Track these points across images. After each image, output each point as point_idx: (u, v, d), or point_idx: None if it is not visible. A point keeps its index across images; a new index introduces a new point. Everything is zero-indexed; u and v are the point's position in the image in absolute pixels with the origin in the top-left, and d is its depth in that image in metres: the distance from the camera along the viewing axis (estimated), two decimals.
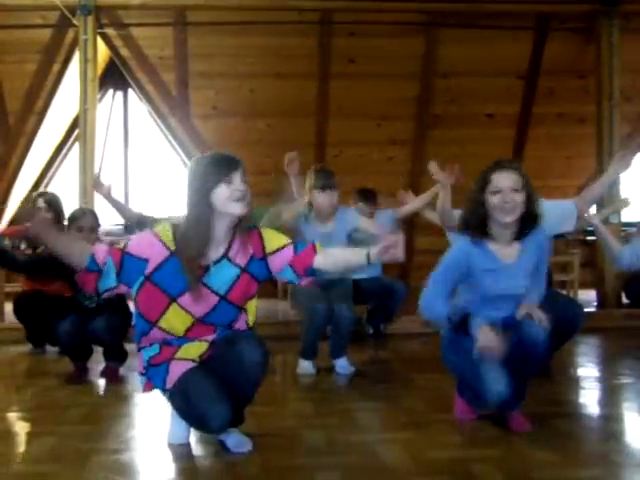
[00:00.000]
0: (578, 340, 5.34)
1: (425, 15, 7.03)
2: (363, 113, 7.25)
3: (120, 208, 4.48)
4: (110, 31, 6.89)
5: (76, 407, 3.59)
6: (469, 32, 6.93)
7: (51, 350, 5.19)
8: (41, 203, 5.12)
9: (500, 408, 2.96)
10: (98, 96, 7.02)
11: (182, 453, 2.82)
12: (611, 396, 3.89)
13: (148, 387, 2.84)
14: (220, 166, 2.55)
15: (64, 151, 8.34)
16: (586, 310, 6.36)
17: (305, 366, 4.33)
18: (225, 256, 2.65)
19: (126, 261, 2.58)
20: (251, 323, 2.82)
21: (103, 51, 7.03)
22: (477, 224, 2.92)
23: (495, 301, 2.99)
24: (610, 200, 6.24)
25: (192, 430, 2.93)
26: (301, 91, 7.15)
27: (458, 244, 3.01)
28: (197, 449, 2.89)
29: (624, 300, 6.69)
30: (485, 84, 7.23)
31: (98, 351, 4.46)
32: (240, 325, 2.79)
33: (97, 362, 4.45)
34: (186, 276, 2.58)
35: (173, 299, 2.64)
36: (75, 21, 6.29)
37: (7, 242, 5.02)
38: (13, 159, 7.35)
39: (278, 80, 6.92)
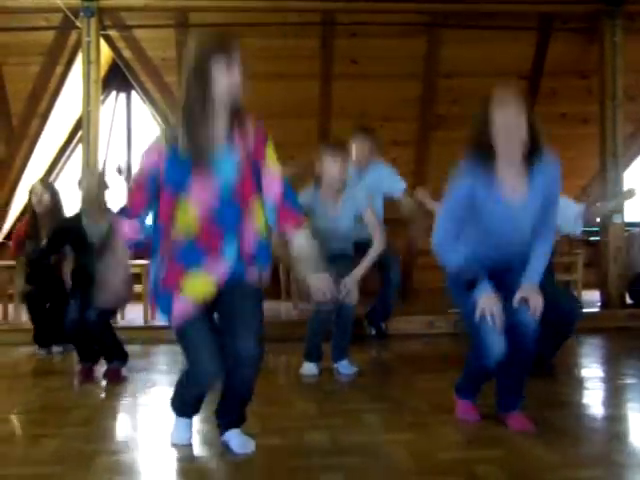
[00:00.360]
0: (582, 340, 5.34)
1: (427, 16, 7.02)
2: (365, 114, 7.24)
3: None
4: (113, 33, 6.90)
5: (79, 408, 3.60)
6: (471, 33, 6.92)
7: (56, 351, 5.19)
8: (39, 187, 5.16)
9: (492, 371, 3.01)
10: (101, 98, 7.02)
11: (185, 454, 2.82)
12: (614, 396, 3.89)
13: (153, 308, 2.80)
14: (223, 41, 2.58)
15: (67, 153, 8.35)
16: (589, 310, 6.43)
17: (309, 367, 4.33)
18: (227, 144, 2.62)
19: (149, 178, 2.62)
20: (262, 232, 2.69)
21: (106, 53, 7.04)
22: (482, 156, 2.87)
23: (500, 240, 2.94)
24: (614, 195, 6.25)
25: (195, 431, 2.94)
26: (303, 92, 7.16)
27: (463, 176, 2.93)
28: (200, 450, 2.89)
29: (628, 300, 6.68)
30: (488, 84, 7.17)
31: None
32: (249, 235, 2.66)
33: (100, 364, 4.46)
34: (188, 159, 2.56)
35: (180, 192, 2.60)
36: (78, 23, 6.30)
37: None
38: (17, 161, 7.36)
39: (280, 81, 6.92)
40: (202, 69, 2.54)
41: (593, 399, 3.83)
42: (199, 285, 2.64)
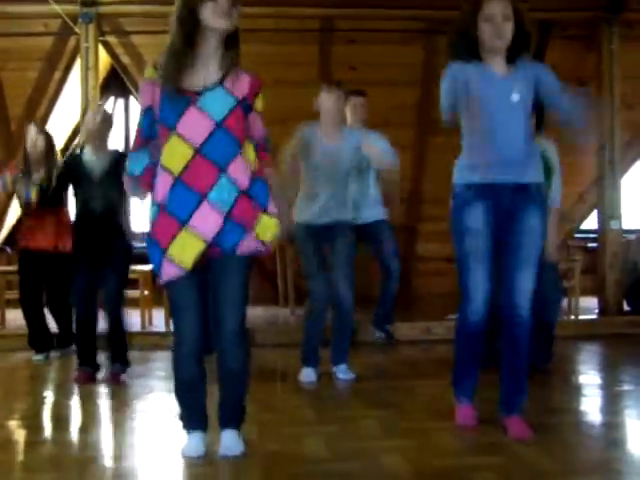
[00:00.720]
0: (579, 347, 5.34)
1: (424, 22, 7.04)
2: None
3: None
4: (111, 39, 6.91)
5: (76, 415, 3.59)
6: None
7: (54, 356, 5.18)
8: (33, 130, 5.12)
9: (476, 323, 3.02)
10: (99, 103, 7.02)
11: (181, 460, 2.80)
12: (612, 403, 3.88)
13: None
14: None
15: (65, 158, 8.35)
16: (587, 317, 6.43)
17: (307, 373, 4.32)
18: (221, 84, 2.65)
19: (146, 115, 2.68)
20: (253, 168, 2.72)
21: (104, 58, 7.05)
22: (468, 47, 2.92)
23: (498, 134, 2.91)
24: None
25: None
26: (302, 98, 7.09)
27: (454, 60, 2.96)
28: (196, 456, 2.88)
29: (625, 307, 6.68)
30: None
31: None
32: (241, 176, 2.66)
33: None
34: (180, 96, 2.59)
35: (172, 128, 2.61)
36: (77, 29, 6.30)
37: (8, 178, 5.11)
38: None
39: (279, 87, 6.93)
40: (189, 7, 2.60)
41: (591, 406, 3.82)
42: (187, 248, 2.63)
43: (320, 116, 4.36)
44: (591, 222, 8.21)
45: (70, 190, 4.60)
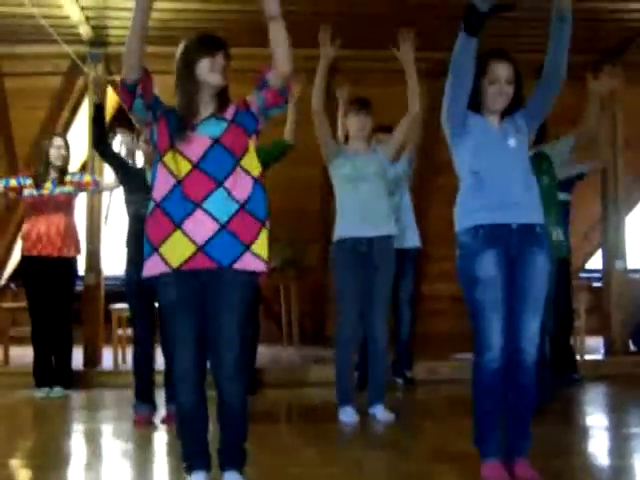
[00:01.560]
0: (585, 387, 5.30)
1: (429, 63, 7.12)
2: None
3: None
4: (119, 78, 6.99)
5: (79, 454, 3.56)
6: None
7: (57, 393, 5.14)
8: (61, 140, 5.47)
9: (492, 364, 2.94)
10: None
11: None
12: (620, 446, 3.84)
13: None
14: (206, 44, 2.80)
15: None
16: (593, 357, 6.39)
17: (345, 412, 4.16)
18: (213, 115, 2.79)
19: (154, 101, 2.89)
20: (256, 174, 2.77)
21: (112, 97, 7.13)
22: (471, 105, 3.00)
23: (492, 169, 2.95)
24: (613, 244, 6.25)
25: None
26: (306, 136, 7.19)
27: None
28: None
29: (631, 347, 6.64)
30: None
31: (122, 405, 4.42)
32: (239, 189, 2.71)
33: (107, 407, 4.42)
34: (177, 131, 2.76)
35: (174, 146, 2.73)
36: (85, 69, 6.40)
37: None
38: (22, 204, 7.40)
39: (281, 126, 7.00)
40: (188, 65, 2.79)
41: (599, 448, 3.78)
42: (177, 249, 2.66)
43: (349, 135, 4.47)
44: (596, 261, 8.21)
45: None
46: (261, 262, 2.72)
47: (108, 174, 5.52)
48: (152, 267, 2.71)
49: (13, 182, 5.40)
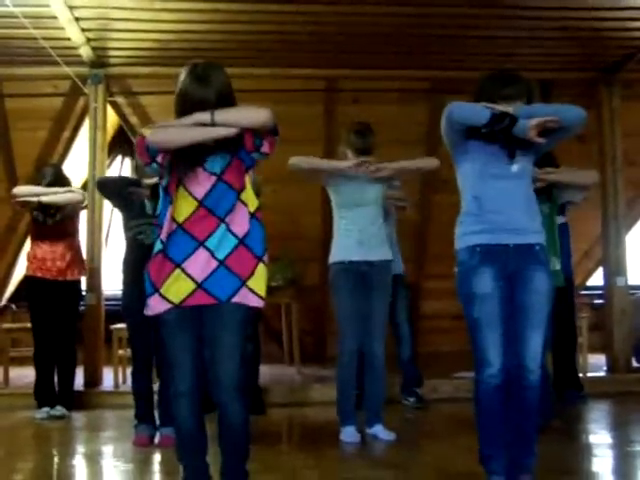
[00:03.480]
0: (589, 405, 5.27)
1: (429, 82, 7.16)
2: None
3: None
4: (120, 99, 7.03)
5: (80, 475, 3.54)
6: (472, 99, 7.03)
7: (58, 413, 5.11)
8: (50, 171, 5.41)
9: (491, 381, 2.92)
10: (107, 162, 7.11)
11: None
12: (625, 464, 3.80)
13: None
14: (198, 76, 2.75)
15: None
16: (596, 374, 6.36)
17: (347, 432, 4.15)
18: (218, 148, 2.74)
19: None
20: (252, 209, 2.78)
21: (112, 118, 7.15)
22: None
23: (495, 193, 2.93)
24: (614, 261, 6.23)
25: None
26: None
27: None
28: None
29: (634, 364, 6.61)
30: None
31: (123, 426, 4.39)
32: (239, 224, 2.72)
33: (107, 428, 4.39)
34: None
35: (181, 182, 2.73)
36: (86, 90, 6.42)
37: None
38: (22, 225, 7.41)
39: (284, 146, 7.01)
40: (184, 100, 2.74)
41: (603, 467, 3.75)
42: (177, 288, 2.68)
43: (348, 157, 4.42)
44: (597, 278, 8.19)
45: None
46: (257, 297, 2.73)
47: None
48: (155, 306, 2.72)
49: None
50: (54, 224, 5.27)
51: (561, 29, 5.91)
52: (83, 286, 5.71)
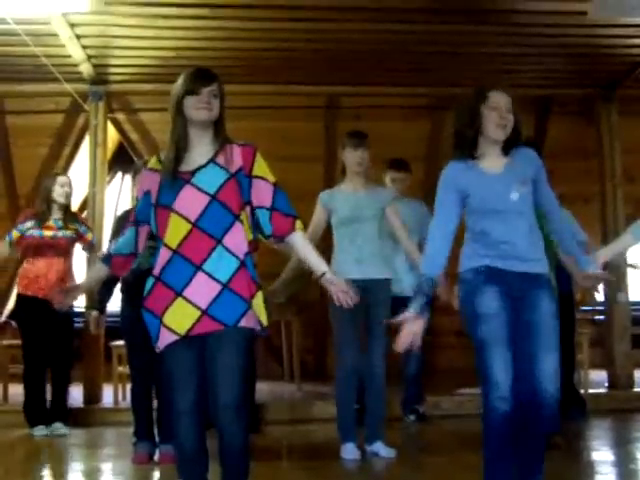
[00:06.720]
0: (591, 423, 5.24)
1: (430, 99, 7.19)
2: None
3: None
4: (120, 116, 7.06)
5: None
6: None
7: (56, 425, 5.07)
8: (67, 179, 5.40)
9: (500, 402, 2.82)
10: (107, 178, 7.12)
11: None
12: None
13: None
14: (192, 80, 2.76)
15: None
16: (597, 391, 6.33)
17: (347, 449, 4.13)
18: (212, 161, 2.72)
19: (144, 198, 2.78)
20: (250, 236, 2.72)
21: (113, 135, 7.18)
22: (471, 137, 2.95)
23: (496, 223, 2.91)
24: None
25: None
26: (308, 174, 7.25)
27: (447, 166, 3.04)
28: None
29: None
30: None
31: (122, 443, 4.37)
32: (238, 243, 2.67)
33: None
34: (167, 176, 2.70)
35: (171, 207, 2.67)
36: (86, 107, 6.44)
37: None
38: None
39: (284, 163, 7.02)
40: (175, 102, 2.77)
41: None
42: (182, 316, 2.63)
43: (346, 168, 4.44)
44: (598, 294, 8.16)
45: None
46: (258, 323, 2.69)
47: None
48: (164, 340, 2.67)
49: (16, 234, 5.28)
50: (51, 241, 5.22)
51: (560, 46, 5.94)
52: (80, 303, 5.66)
